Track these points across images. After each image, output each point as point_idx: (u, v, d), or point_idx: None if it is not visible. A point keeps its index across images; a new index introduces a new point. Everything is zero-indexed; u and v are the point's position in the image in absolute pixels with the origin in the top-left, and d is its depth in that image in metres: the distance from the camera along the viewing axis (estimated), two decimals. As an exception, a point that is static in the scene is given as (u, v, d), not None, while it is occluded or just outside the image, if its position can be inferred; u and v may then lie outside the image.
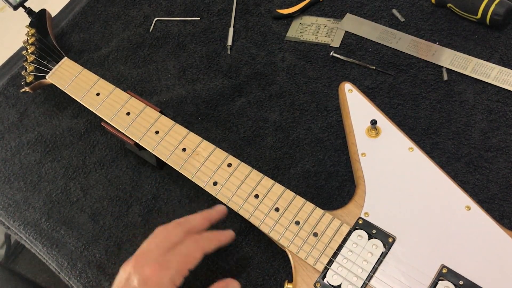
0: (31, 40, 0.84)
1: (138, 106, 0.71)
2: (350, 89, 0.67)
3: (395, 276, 0.54)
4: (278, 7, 0.86)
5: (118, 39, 0.90)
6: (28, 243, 0.75)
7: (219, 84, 0.81)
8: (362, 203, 0.59)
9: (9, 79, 0.92)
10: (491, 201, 0.62)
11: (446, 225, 0.56)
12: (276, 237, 0.59)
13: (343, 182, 0.68)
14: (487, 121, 0.67)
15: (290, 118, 0.75)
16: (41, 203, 0.77)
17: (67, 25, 0.95)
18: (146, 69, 0.86)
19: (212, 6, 0.90)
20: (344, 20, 0.81)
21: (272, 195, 0.61)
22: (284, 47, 0.82)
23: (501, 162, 0.64)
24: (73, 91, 0.76)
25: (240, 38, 0.85)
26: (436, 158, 0.65)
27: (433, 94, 0.71)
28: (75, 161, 0.79)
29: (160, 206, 0.72)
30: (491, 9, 0.71)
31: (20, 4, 0.88)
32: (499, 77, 0.69)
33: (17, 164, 0.82)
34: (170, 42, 0.88)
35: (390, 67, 0.75)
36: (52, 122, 0.84)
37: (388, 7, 0.80)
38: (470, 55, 0.72)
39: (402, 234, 0.56)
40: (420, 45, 0.75)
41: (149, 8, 0.93)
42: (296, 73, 0.78)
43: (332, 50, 0.78)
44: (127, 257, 0.69)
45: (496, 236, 0.54)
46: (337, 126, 0.72)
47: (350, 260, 0.56)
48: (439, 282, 0.53)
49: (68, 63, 0.79)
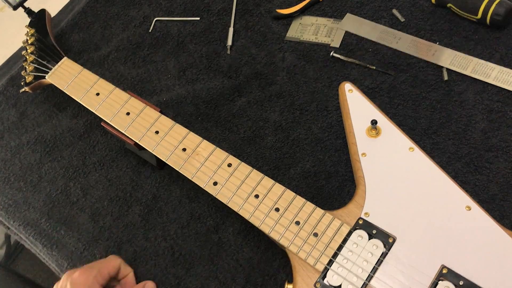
0: (30, 40, 0.84)
1: (138, 106, 0.71)
2: (350, 89, 0.67)
3: (395, 276, 0.54)
4: (278, 7, 0.85)
5: (117, 39, 0.90)
6: (28, 243, 0.75)
7: (219, 84, 0.81)
8: (362, 203, 0.59)
9: (9, 79, 0.92)
10: (491, 201, 0.62)
11: (447, 225, 0.56)
12: (276, 237, 0.59)
13: (343, 182, 0.68)
14: (487, 121, 0.67)
15: (290, 118, 0.75)
16: (41, 203, 0.77)
17: (67, 25, 0.95)
18: (146, 69, 0.86)
19: (212, 6, 0.90)
20: (344, 20, 0.81)
21: (272, 195, 0.61)
22: (284, 47, 0.82)
23: (501, 162, 0.64)
24: (73, 91, 0.76)
25: (240, 38, 0.85)
26: (436, 158, 0.65)
27: (433, 94, 0.71)
28: (75, 161, 0.79)
29: (160, 206, 0.72)
30: (492, 9, 0.70)
31: (20, 4, 0.88)
32: (500, 77, 0.69)
33: (17, 164, 0.81)
34: (170, 42, 0.88)
35: (390, 67, 0.75)
36: (52, 122, 0.84)
37: (388, 7, 0.80)
38: (470, 55, 0.72)
39: (402, 234, 0.56)
40: (420, 45, 0.75)
41: (149, 8, 0.93)
42: (296, 73, 0.78)
43: (332, 50, 0.78)
44: (127, 257, 0.69)
45: (497, 236, 0.54)
46: (337, 126, 0.72)
47: (350, 260, 0.56)
48: (439, 282, 0.53)
49: (68, 63, 0.79)
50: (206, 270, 0.66)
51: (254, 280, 0.64)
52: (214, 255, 0.67)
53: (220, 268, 0.66)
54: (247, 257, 0.66)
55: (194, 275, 0.66)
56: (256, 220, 0.60)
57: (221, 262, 0.66)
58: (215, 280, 0.65)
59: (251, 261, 0.65)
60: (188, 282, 0.66)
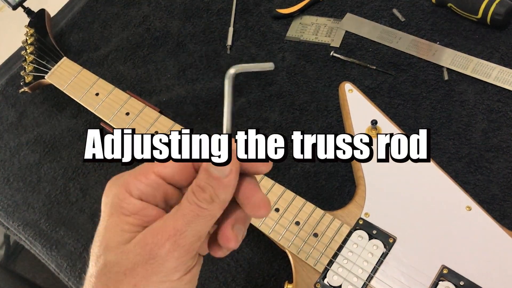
0: (30, 40, 0.84)
1: (137, 106, 0.71)
2: (351, 89, 0.67)
3: (396, 277, 0.54)
4: (278, 7, 0.85)
5: (117, 39, 0.90)
6: (27, 243, 0.75)
7: (219, 84, 0.80)
8: (362, 203, 0.59)
9: (8, 79, 0.92)
10: (491, 201, 0.62)
11: (447, 226, 0.56)
12: (276, 237, 0.58)
13: (343, 182, 0.67)
14: (487, 121, 0.67)
15: (290, 118, 0.74)
16: (41, 203, 0.76)
17: (66, 25, 0.94)
18: (145, 69, 0.86)
19: (211, 5, 0.90)
20: (344, 20, 0.81)
21: (272, 196, 0.61)
22: (284, 47, 0.81)
23: (501, 162, 0.64)
24: (72, 91, 0.76)
25: (240, 38, 0.85)
26: (436, 158, 0.65)
27: (434, 94, 0.71)
28: (75, 161, 0.79)
29: (159, 206, 0.72)
30: (492, 9, 0.70)
31: (19, 4, 0.88)
32: (500, 77, 0.69)
33: (16, 164, 0.81)
34: (170, 42, 0.87)
35: (390, 67, 0.75)
36: (51, 122, 0.84)
37: (388, 7, 0.80)
38: (470, 55, 0.72)
39: (402, 234, 0.56)
40: (421, 45, 0.75)
41: (148, 8, 0.93)
42: (296, 73, 0.78)
43: (332, 50, 0.78)
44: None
45: (497, 236, 0.54)
46: (337, 126, 0.72)
47: (350, 261, 0.56)
48: (440, 282, 0.53)
49: (67, 63, 0.79)
50: (206, 271, 0.66)
51: (254, 280, 0.64)
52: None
53: (220, 269, 0.66)
54: (247, 258, 0.65)
55: (194, 275, 0.66)
56: (256, 221, 0.60)
57: (221, 263, 0.66)
58: (215, 280, 0.65)
59: (251, 261, 0.65)
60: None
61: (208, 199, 0.31)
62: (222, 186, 0.32)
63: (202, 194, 0.31)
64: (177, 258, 0.31)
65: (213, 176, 0.31)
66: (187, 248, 0.31)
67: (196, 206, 0.31)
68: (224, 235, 0.34)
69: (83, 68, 0.77)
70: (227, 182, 0.32)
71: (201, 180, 0.32)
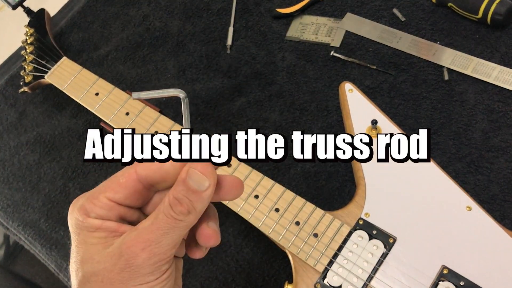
0: (29, 40, 0.84)
1: (137, 106, 0.71)
2: (351, 89, 0.67)
3: (396, 277, 0.54)
4: (278, 6, 0.85)
5: (117, 39, 0.90)
6: (27, 243, 0.75)
7: (218, 84, 0.80)
8: (362, 203, 0.59)
9: (8, 79, 0.92)
10: (492, 201, 0.62)
11: (447, 226, 0.55)
12: (276, 238, 0.58)
13: (343, 182, 0.67)
14: (488, 121, 0.67)
15: (290, 118, 0.74)
16: (40, 203, 0.76)
17: (66, 24, 0.94)
18: (145, 68, 0.86)
19: (211, 5, 0.90)
20: (344, 20, 0.81)
21: (272, 196, 0.61)
22: (284, 47, 0.81)
23: (502, 162, 0.64)
24: (72, 91, 0.76)
25: (240, 38, 0.84)
26: (437, 158, 0.65)
27: (434, 94, 0.71)
28: (74, 161, 0.79)
29: (159, 206, 0.72)
30: (492, 9, 0.70)
31: (19, 4, 0.88)
32: (500, 77, 0.69)
33: (16, 164, 0.81)
34: (170, 42, 0.87)
35: (390, 67, 0.75)
36: (51, 122, 0.84)
37: (388, 7, 0.80)
38: (471, 54, 0.72)
39: (402, 234, 0.56)
40: (421, 45, 0.75)
41: (148, 8, 0.93)
42: (296, 73, 0.78)
43: (333, 50, 0.78)
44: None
45: (497, 236, 0.54)
46: (338, 126, 0.72)
47: (350, 261, 0.56)
48: (440, 282, 0.53)
49: (67, 62, 0.79)
50: (206, 271, 0.66)
51: (254, 280, 0.64)
52: (214, 255, 0.67)
53: (220, 269, 0.66)
54: (247, 258, 0.65)
55: (194, 275, 0.66)
56: (256, 221, 0.60)
57: (221, 263, 0.66)
58: (215, 281, 0.65)
59: (251, 261, 0.65)
60: (188, 283, 0.66)
61: (185, 212, 0.32)
62: (200, 199, 0.32)
63: (179, 207, 0.32)
64: (152, 264, 0.32)
65: (192, 189, 0.32)
66: (162, 255, 0.32)
67: (173, 219, 0.32)
68: (203, 234, 0.35)
69: (83, 68, 0.77)
70: (205, 195, 0.32)
71: (179, 192, 0.32)
